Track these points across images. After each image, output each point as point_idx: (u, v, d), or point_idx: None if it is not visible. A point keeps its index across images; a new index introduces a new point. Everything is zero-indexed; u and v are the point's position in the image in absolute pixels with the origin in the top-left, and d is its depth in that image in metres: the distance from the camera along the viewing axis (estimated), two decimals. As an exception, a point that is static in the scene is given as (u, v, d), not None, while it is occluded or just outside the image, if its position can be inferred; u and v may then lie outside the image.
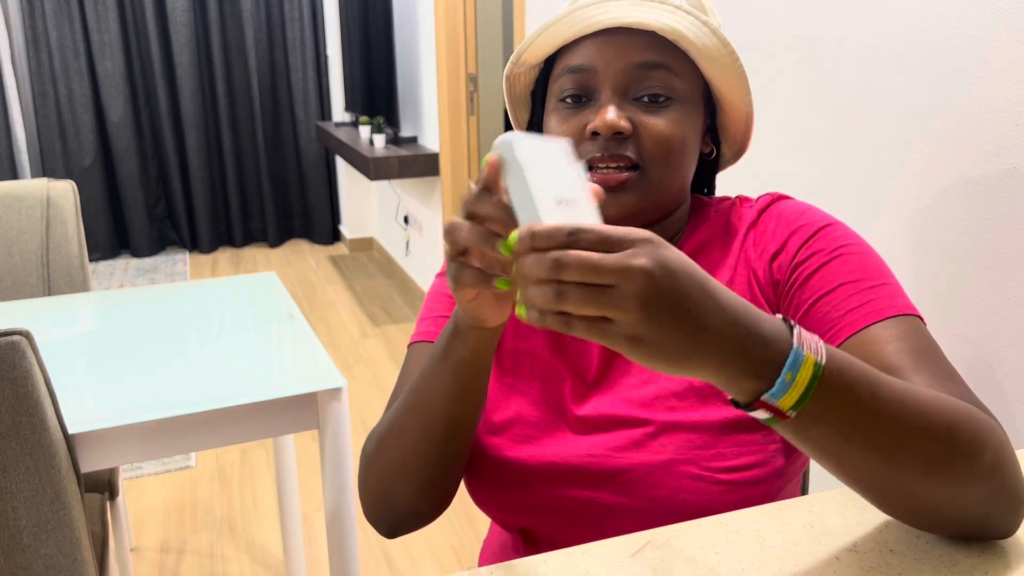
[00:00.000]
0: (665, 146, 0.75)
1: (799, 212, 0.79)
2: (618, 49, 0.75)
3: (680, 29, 0.74)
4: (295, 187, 5.17)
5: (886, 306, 0.70)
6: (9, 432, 1.00)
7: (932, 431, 0.56)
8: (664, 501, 0.74)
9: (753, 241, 0.80)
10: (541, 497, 0.78)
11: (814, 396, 0.53)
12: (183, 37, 4.72)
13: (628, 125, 0.75)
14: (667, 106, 0.76)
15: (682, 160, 0.77)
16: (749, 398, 0.53)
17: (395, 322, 3.81)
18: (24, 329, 0.99)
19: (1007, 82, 1.05)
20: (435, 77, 3.43)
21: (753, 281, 0.78)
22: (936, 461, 0.56)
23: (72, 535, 1.07)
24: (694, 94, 0.78)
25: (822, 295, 0.73)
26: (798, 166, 1.44)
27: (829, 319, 0.71)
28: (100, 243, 4.87)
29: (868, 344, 0.68)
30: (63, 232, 1.84)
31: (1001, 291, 1.09)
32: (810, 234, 0.76)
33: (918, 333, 0.69)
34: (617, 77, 0.75)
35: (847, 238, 0.76)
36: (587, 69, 0.76)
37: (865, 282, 0.72)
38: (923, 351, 0.67)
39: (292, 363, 1.34)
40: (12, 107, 4.42)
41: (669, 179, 0.77)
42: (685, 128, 0.76)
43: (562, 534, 0.79)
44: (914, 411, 0.56)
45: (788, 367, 0.52)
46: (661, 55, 0.75)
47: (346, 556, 1.33)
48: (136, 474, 2.55)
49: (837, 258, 0.74)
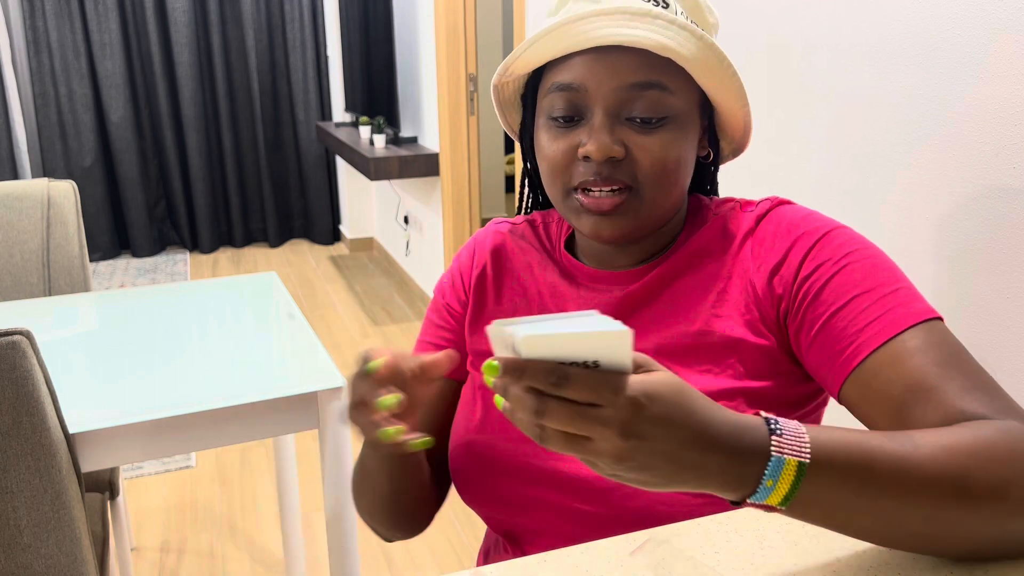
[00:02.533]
0: (659, 168, 0.73)
1: (798, 219, 0.76)
2: (610, 68, 0.72)
3: (673, 47, 0.71)
4: (295, 187, 5.17)
5: (905, 314, 0.67)
6: (10, 432, 1.00)
7: (941, 488, 0.55)
8: (640, 511, 0.73)
9: (751, 251, 0.77)
10: (519, 496, 0.79)
11: (804, 488, 0.53)
12: (183, 37, 4.72)
13: (621, 150, 0.73)
14: (661, 126, 0.73)
15: (677, 178, 0.75)
16: (737, 500, 0.54)
17: (395, 322, 3.81)
18: (25, 329, 1.00)
19: (1007, 82, 1.05)
20: (435, 77, 3.43)
21: (750, 293, 0.76)
22: (953, 515, 0.56)
23: (72, 535, 1.07)
24: (689, 107, 0.75)
25: (837, 310, 0.70)
26: (800, 166, 1.45)
27: (847, 335, 0.69)
28: (100, 243, 4.87)
29: (892, 361, 0.66)
30: (63, 232, 1.84)
31: (1001, 291, 1.09)
32: (812, 244, 0.74)
33: (942, 340, 0.66)
34: (608, 97, 0.73)
35: (852, 243, 0.73)
36: (577, 88, 0.74)
37: (879, 290, 0.69)
38: (949, 360, 0.65)
39: (292, 363, 1.34)
40: (13, 107, 4.42)
41: (662, 198, 0.75)
42: (680, 146, 0.74)
43: (539, 538, 0.79)
44: (918, 475, 0.55)
45: (768, 475, 0.52)
46: (654, 73, 0.72)
47: (346, 556, 1.33)
48: (136, 474, 2.55)
49: (846, 267, 0.71)
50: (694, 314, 0.77)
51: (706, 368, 0.75)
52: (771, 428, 0.54)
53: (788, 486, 0.53)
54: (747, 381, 0.74)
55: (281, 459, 1.91)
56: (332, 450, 1.27)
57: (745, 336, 0.75)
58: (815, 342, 0.71)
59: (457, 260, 0.92)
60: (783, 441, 0.53)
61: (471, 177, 3.46)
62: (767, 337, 0.74)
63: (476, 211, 3.53)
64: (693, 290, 0.78)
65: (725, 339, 0.75)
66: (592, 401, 0.49)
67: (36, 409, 1.01)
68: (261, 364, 1.34)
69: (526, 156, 0.88)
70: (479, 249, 0.90)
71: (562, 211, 0.79)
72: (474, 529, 2.25)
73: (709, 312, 0.77)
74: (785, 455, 0.53)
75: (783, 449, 0.53)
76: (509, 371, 0.49)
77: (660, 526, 0.69)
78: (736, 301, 0.76)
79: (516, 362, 0.49)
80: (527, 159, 0.88)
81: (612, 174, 0.73)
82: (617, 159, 0.73)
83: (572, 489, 0.76)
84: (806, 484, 0.53)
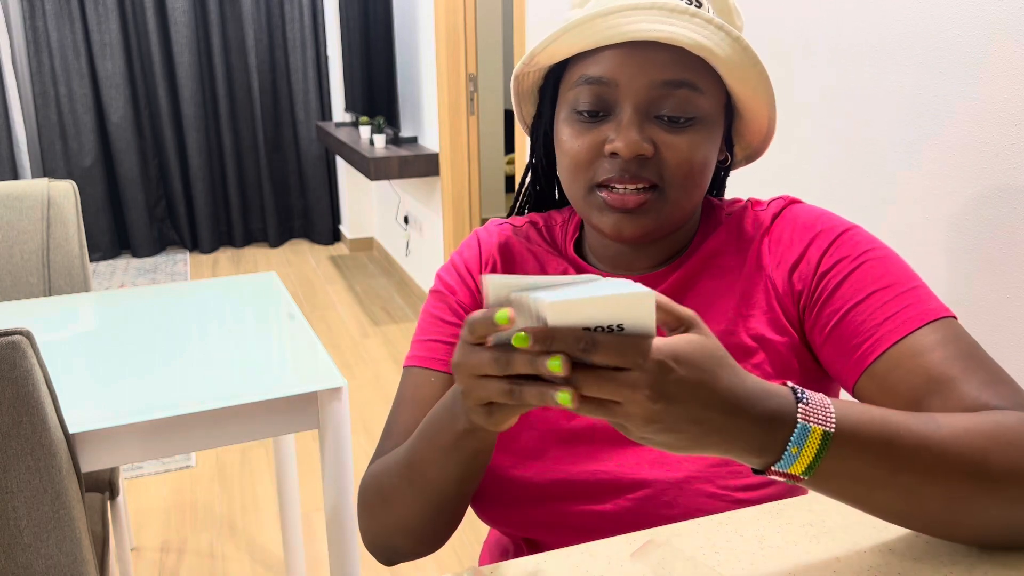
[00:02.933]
0: (687, 168, 0.73)
1: (814, 218, 0.77)
2: (642, 63, 0.71)
3: (710, 46, 0.70)
4: (295, 187, 5.17)
5: (922, 311, 0.68)
6: (10, 432, 1.00)
7: (961, 467, 0.56)
8: (679, 519, 0.73)
9: (768, 249, 0.78)
10: (551, 514, 0.77)
11: (827, 458, 0.54)
12: (183, 37, 4.72)
13: (651, 148, 0.72)
14: (690, 126, 0.72)
15: (701, 180, 0.75)
16: (760, 468, 0.55)
17: (395, 322, 3.81)
18: (25, 329, 1.00)
19: (1007, 82, 1.05)
20: (435, 77, 3.43)
21: (771, 291, 0.77)
22: (971, 495, 0.56)
23: (72, 535, 1.07)
24: (716, 109, 0.75)
25: (855, 304, 0.71)
26: (800, 167, 1.45)
27: (865, 329, 0.70)
28: (100, 243, 4.87)
29: (911, 354, 0.67)
30: (63, 232, 1.84)
31: (1001, 291, 1.09)
32: (830, 241, 0.75)
33: (958, 336, 0.67)
34: (640, 93, 0.71)
35: (869, 242, 0.74)
36: (607, 82, 0.72)
37: (897, 287, 0.70)
38: (967, 355, 0.66)
39: (292, 363, 1.34)
40: (13, 107, 4.42)
41: (687, 199, 0.75)
42: (706, 148, 0.74)
43: (559, 540, 0.78)
44: (938, 453, 0.56)
45: (793, 442, 0.53)
46: (686, 72, 0.71)
47: (346, 556, 1.33)
48: (136, 474, 2.55)
49: (864, 264, 0.72)
50: (720, 316, 0.78)
51: None
52: (798, 397, 0.55)
53: (812, 454, 0.53)
54: (777, 379, 0.74)
55: (281, 459, 1.91)
56: (332, 450, 1.27)
57: (771, 335, 0.76)
58: (831, 336, 0.72)
59: (460, 256, 0.88)
60: (809, 409, 0.54)
61: (471, 177, 3.46)
62: (790, 334, 0.76)
63: (476, 211, 3.53)
64: (714, 293, 0.79)
65: (753, 339, 0.76)
66: (621, 365, 0.49)
67: (36, 409, 1.01)
68: (261, 364, 1.34)
69: (536, 150, 0.86)
70: (484, 246, 0.87)
71: (580, 207, 0.77)
72: (474, 529, 2.25)
73: (735, 313, 0.77)
74: (811, 423, 0.53)
75: (809, 417, 0.54)
76: (540, 340, 0.49)
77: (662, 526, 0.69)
78: (759, 300, 0.77)
79: (545, 331, 0.49)
80: (537, 154, 0.87)
81: (639, 172, 0.72)
82: (645, 157, 0.72)
83: (607, 497, 0.76)
84: (830, 454, 0.54)
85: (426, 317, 0.86)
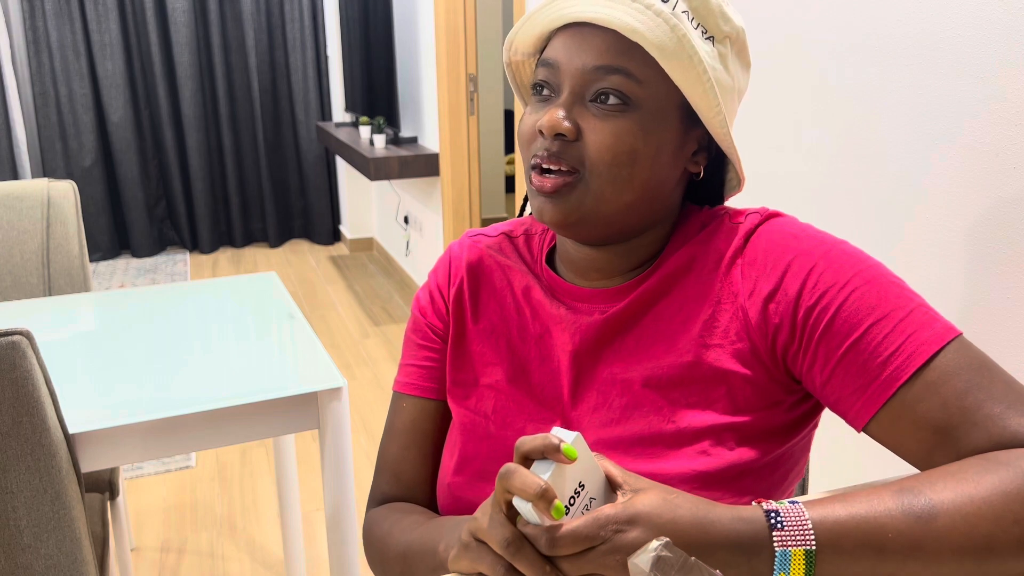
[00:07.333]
0: (607, 156, 0.69)
1: (788, 239, 0.72)
2: (581, 46, 0.70)
3: (642, 31, 0.66)
4: (295, 187, 5.17)
5: (928, 339, 0.64)
6: (9, 432, 1.01)
7: (962, 556, 0.56)
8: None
9: (741, 273, 0.72)
10: None
11: (819, 566, 0.55)
12: (183, 37, 4.72)
13: (571, 127, 0.70)
14: (621, 113, 0.69)
15: (631, 173, 0.70)
16: None
17: (395, 322, 3.81)
18: (24, 329, 1.00)
19: (1006, 82, 1.05)
20: (435, 77, 3.44)
21: (741, 321, 0.71)
22: (977, 572, 0.56)
23: (72, 535, 1.07)
24: (661, 104, 0.70)
25: (854, 342, 0.66)
26: (799, 168, 1.45)
27: (871, 368, 0.65)
28: (100, 243, 4.87)
29: (925, 392, 0.63)
30: (63, 232, 1.85)
31: (1001, 291, 1.09)
32: (808, 269, 0.69)
33: (969, 360, 0.64)
34: (575, 77, 0.70)
35: (851, 262, 0.69)
36: (552, 64, 0.72)
37: (895, 315, 0.65)
38: (981, 379, 0.63)
39: (292, 363, 1.34)
40: (12, 107, 4.42)
41: (612, 191, 0.70)
42: (638, 139, 0.69)
43: None
44: (935, 548, 0.56)
45: (778, 568, 0.54)
46: (622, 59, 0.69)
47: (346, 556, 1.33)
48: (136, 474, 2.55)
49: (853, 292, 0.67)
50: (683, 343, 0.73)
51: (695, 402, 0.72)
52: (771, 523, 0.56)
53: (802, 572, 0.55)
54: (737, 416, 0.71)
55: (281, 459, 1.91)
56: (332, 450, 1.27)
57: (735, 368, 0.71)
58: (833, 377, 0.67)
59: (434, 276, 0.88)
60: (785, 534, 0.55)
61: (471, 177, 3.46)
62: (757, 368, 0.71)
63: (476, 211, 3.53)
64: (678, 313, 0.74)
65: (715, 371, 0.72)
66: (588, 547, 0.54)
67: (36, 409, 1.01)
68: (261, 364, 1.34)
69: None
70: (454, 264, 0.86)
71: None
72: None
73: (698, 342, 0.72)
74: (789, 547, 0.54)
75: (786, 542, 0.55)
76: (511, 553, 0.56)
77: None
78: (726, 329, 0.72)
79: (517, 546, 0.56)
80: None
81: (560, 154, 0.70)
82: (568, 139, 0.70)
83: None
84: (820, 563, 0.55)
85: (406, 339, 0.89)
